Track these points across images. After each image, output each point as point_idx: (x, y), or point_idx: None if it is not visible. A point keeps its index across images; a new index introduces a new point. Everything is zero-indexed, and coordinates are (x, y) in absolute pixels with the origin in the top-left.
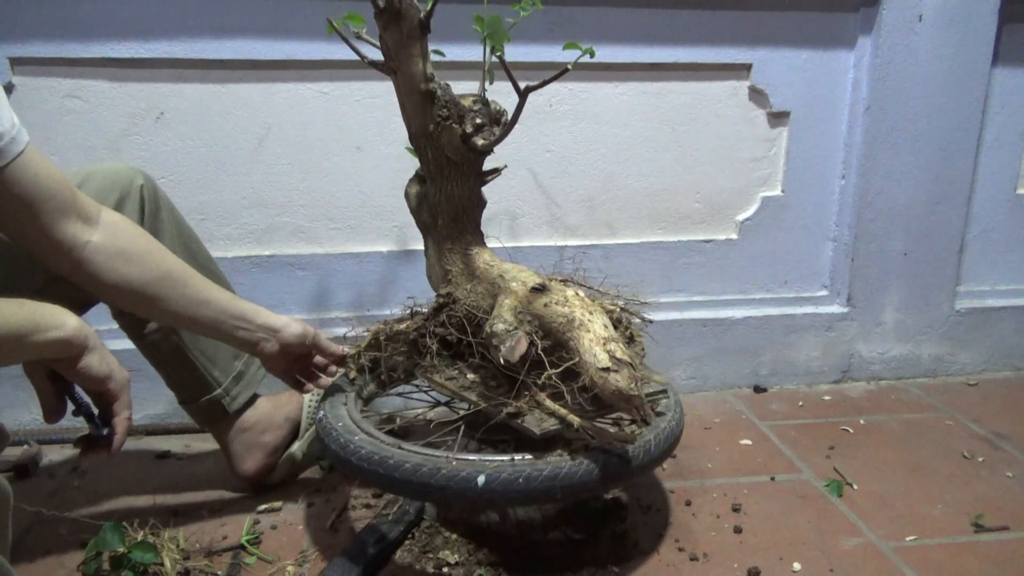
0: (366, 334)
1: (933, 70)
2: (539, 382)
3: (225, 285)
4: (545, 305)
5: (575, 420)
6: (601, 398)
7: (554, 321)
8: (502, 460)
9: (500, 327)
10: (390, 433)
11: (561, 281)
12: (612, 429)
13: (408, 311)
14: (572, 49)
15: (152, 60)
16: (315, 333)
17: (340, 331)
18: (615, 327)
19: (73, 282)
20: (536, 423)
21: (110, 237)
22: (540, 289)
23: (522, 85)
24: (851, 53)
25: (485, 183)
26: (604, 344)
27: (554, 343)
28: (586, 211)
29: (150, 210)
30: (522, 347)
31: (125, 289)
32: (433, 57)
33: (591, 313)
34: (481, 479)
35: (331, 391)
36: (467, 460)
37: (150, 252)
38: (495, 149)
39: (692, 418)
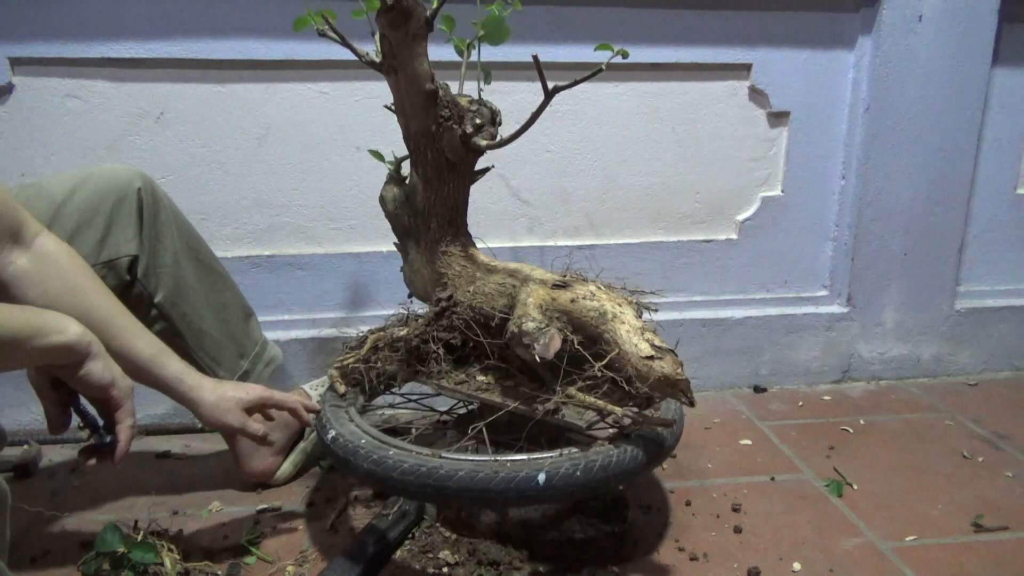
0: (358, 337)
1: (933, 70)
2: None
3: (230, 285)
4: (572, 300)
5: (616, 410)
6: (645, 387)
7: (584, 315)
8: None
9: (531, 325)
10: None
11: (581, 279)
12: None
13: (403, 317)
14: (604, 50)
15: (152, 60)
16: (263, 399)
17: (339, 331)
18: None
19: None
20: (575, 417)
21: (37, 265)
22: (563, 285)
23: (543, 85)
24: (851, 53)
25: (474, 182)
26: (642, 333)
27: (585, 337)
28: (586, 211)
29: (148, 213)
30: (556, 343)
31: None
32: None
33: (620, 305)
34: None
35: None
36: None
37: (74, 289)
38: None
39: (692, 418)
